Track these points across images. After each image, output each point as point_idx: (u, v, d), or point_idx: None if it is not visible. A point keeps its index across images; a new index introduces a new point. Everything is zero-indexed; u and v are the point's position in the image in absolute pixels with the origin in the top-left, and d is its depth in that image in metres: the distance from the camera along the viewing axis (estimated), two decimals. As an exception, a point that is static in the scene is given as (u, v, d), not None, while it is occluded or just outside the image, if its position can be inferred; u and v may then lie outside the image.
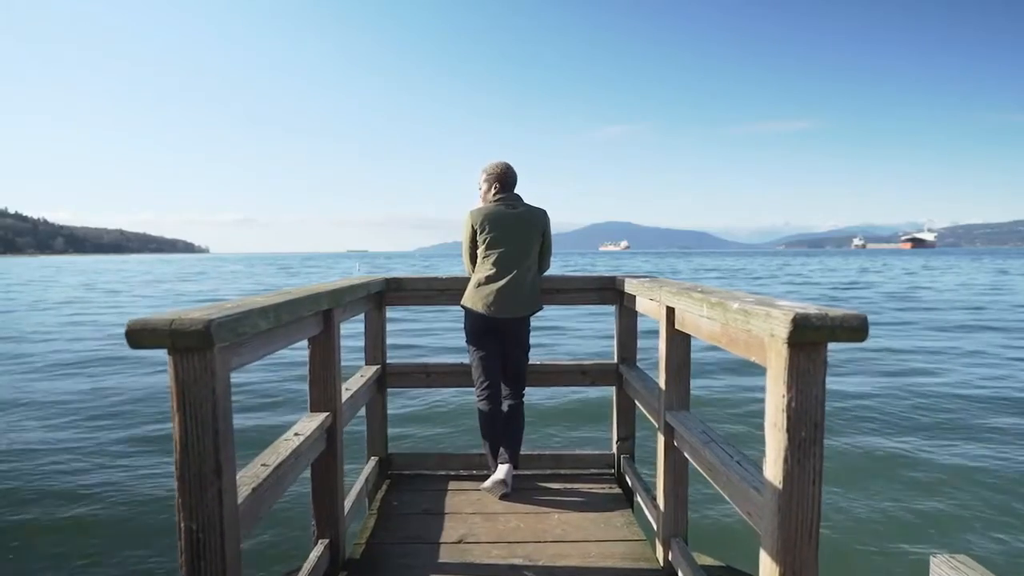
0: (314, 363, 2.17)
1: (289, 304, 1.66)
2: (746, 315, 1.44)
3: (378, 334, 3.13)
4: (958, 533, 3.83)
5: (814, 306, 1.33)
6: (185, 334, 1.20)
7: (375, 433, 3.17)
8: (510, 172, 2.96)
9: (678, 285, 2.20)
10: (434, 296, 3.14)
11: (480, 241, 2.88)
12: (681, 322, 2.14)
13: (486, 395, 2.91)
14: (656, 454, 2.34)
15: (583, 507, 2.81)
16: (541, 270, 3.02)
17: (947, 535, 3.80)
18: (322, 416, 2.14)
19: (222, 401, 1.29)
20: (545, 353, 8.89)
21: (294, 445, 1.84)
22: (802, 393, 1.29)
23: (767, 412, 1.37)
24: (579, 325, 13.61)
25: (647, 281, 2.57)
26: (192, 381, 1.25)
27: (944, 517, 4.04)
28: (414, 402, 6.60)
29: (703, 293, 1.83)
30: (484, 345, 2.91)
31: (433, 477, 3.18)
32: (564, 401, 6.60)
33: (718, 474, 1.77)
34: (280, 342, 1.75)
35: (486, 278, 2.85)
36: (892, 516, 4.05)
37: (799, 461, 1.31)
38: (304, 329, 1.97)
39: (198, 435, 1.27)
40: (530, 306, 2.90)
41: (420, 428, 5.87)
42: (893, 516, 4.04)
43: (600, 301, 3.18)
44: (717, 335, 1.80)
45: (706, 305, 1.72)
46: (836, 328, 1.25)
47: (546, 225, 2.96)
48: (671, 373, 2.23)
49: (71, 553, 3.61)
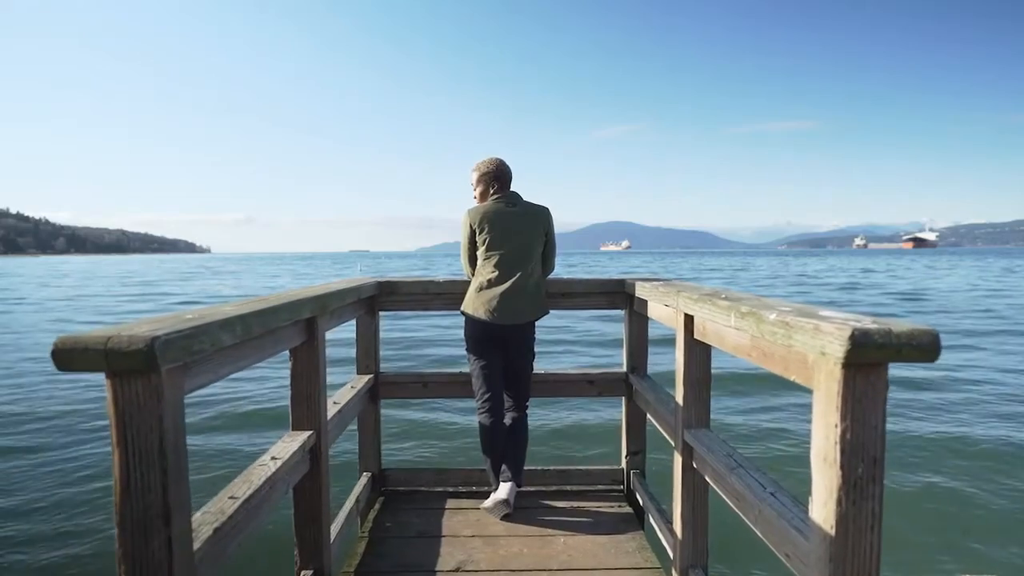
0: (296, 377, 1.97)
1: (262, 314, 1.46)
2: (787, 328, 1.24)
3: (370, 342, 2.93)
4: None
5: (870, 318, 1.13)
6: (124, 354, 1.00)
7: (367, 447, 2.97)
8: (504, 168, 2.76)
9: (697, 290, 1.99)
10: (430, 301, 2.94)
11: (480, 242, 2.68)
12: (701, 331, 1.94)
13: (487, 407, 2.70)
14: (672, 475, 2.14)
15: (591, 529, 2.60)
16: (545, 272, 2.82)
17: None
18: (304, 435, 1.93)
19: (172, 432, 1.09)
20: (547, 361, 8.46)
21: (270, 471, 1.64)
22: (859, 423, 1.09)
23: (815, 443, 1.17)
24: (586, 327, 13.24)
25: (661, 285, 2.36)
26: (135, 410, 1.05)
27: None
28: (410, 413, 6.28)
29: (730, 300, 1.62)
30: (486, 353, 2.71)
31: (430, 494, 2.98)
32: (569, 406, 6.35)
33: (747, 506, 1.57)
34: (252, 356, 1.55)
35: (487, 281, 2.65)
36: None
37: (855, 503, 1.11)
38: (283, 340, 1.77)
39: (142, 473, 1.07)
40: (535, 311, 2.70)
41: (416, 441, 5.58)
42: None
43: (608, 305, 2.98)
44: (745, 348, 1.60)
45: (735, 314, 1.52)
46: (902, 346, 1.04)
47: (549, 223, 2.76)
48: (689, 387, 2.03)
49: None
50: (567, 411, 6.27)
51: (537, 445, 2.91)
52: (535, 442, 2.80)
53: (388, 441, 3.15)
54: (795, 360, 1.31)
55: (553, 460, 4.61)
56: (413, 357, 9.76)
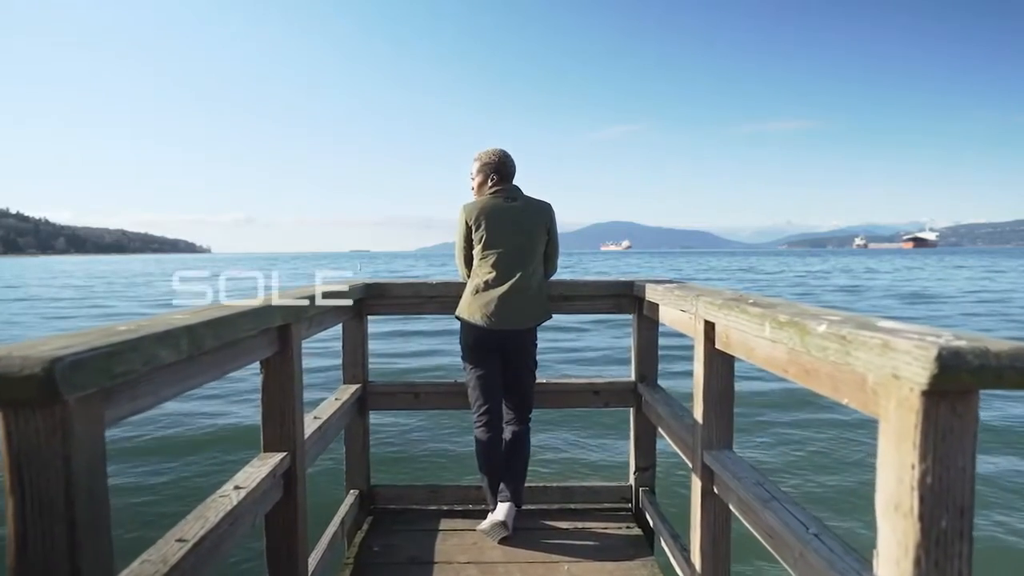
0: (267, 392, 1.75)
1: (216, 324, 1.24)
2: (843, 343, 1.02)
3: (358, 348, 2.70)
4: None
5: (951, 332, 0.91)
6: (15, 381, 0.78)
7: (355, 463, 2.74)
8: (507, 160, 2.55)
9: (718, 294, 1.78)
10: (422, 304, 2.71)
11: (476, 240, 2.46)
12: (724, 341, 1.72)
13: (485, 420, 2.48)
14: (690, 500, 1.92)
15: (597, 554, 2.38)
16: (548, 273, 2.60)
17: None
18: (277, 458, 1.71)
19: (85, 476, 0.87)
20: (544, 369, 7.75)
21: (231, 504, 1.42)
22: (943, 464, 0.87)
23: (882, 486, 0.95)
24: (591, 330, 12.62)
25: (676, 288, 2.14)
26: (32, 449, 0.83)
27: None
28: (401, 423, 5.79)
29: (762, 307, 1.40)
30: (483, 362, 2.48)
31: (423, 513, 2.76)
32: (572, 416, 5.87)
33: (784, 545, 1.35)
34: (208, 373, 1.33)
35: (485, 283, 2.43)
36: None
37: (937, 563, 0.88)
38: (249, 352, 1.55)
39: (43, 529, 0.85)
40: (537, 315, 2.48)
41: (408, 454, 5.18)
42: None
43: (615, 310, 2.75)
44: (780, 362, 1.38)
45: (770, 323, 1.30)
46: (1003, 369, 0.82)
47: (552, 220, 2.54)
48: (710, 403, 1.81)
49: None
50: (570, 421, 5.83)
51: (538, 459, 2.68)
52: (535, 455, 2.58)
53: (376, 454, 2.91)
54: (849, 380, 1.09)
55: (555, 475, 4.22)
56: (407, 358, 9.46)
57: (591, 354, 10.11)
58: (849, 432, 5.47)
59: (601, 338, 11.61)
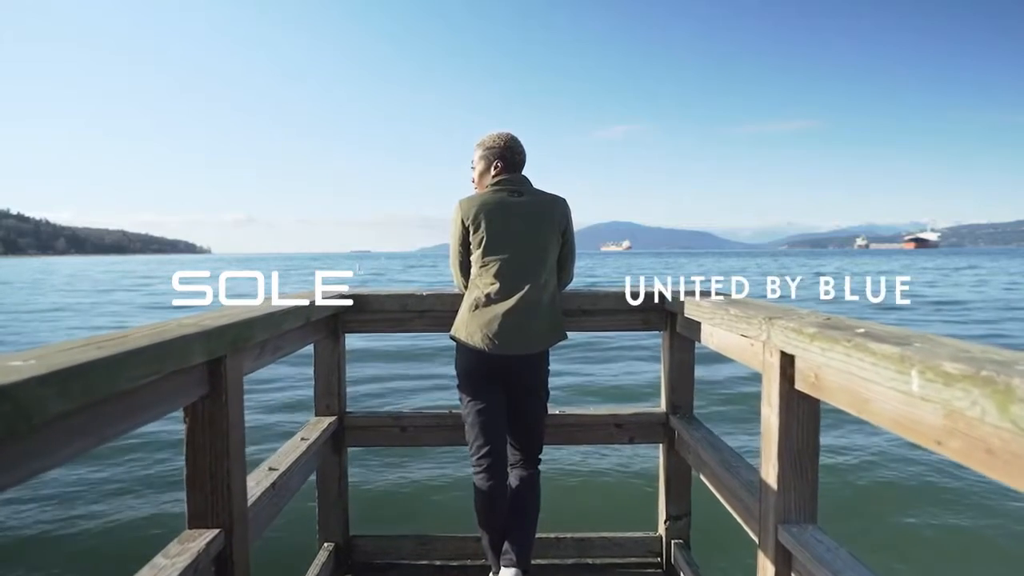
0: (192, 449, 1.29)
1: (91, 368, 0.80)
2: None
3: (332, 373, 2.24)
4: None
5: None
6: None
7: (329, 511, 2.28)
8: (515, 145, 2.10)
9: (802, 317, 1.32)
10: (410, 320, 2.25)
11: (475, 244, 2.01)
12: (812, 381, 1.26)
13: (486, 465, 2.01)
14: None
15: None
16: (562, 283, 2.15)
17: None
18: (205, 538, 1.26)
19: None
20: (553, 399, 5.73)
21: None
22: None
23: None
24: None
25: (729, 304, 1.68)
26: None
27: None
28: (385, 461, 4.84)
29: (893, 344, 0.94)
30: (484, 393, 2.02)
31: (410, 570, 2.30)
32: (589, 451, 4.96)
33: None
34: (88, 437, 0.89)
35: (486, 297, 1.98)
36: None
37: None
38: (159, 399, 1.11)
39: None
40: (550, 336, 2.02)
41: (393, 497, 4.31)
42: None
43: (642, 326, 2.30)
44: (926, 428, 0.92)
45: (921, 372, 0.84)
46: None
47: (567, 219, 2.09)
48: (787, 460, 1.35)
49: None
50: (584, 452, 4.93)
51: (548, 504, 2.20)
52: (545, 500, 2.13)
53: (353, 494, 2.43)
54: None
55: (568, 523, 3.03)
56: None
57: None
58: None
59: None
